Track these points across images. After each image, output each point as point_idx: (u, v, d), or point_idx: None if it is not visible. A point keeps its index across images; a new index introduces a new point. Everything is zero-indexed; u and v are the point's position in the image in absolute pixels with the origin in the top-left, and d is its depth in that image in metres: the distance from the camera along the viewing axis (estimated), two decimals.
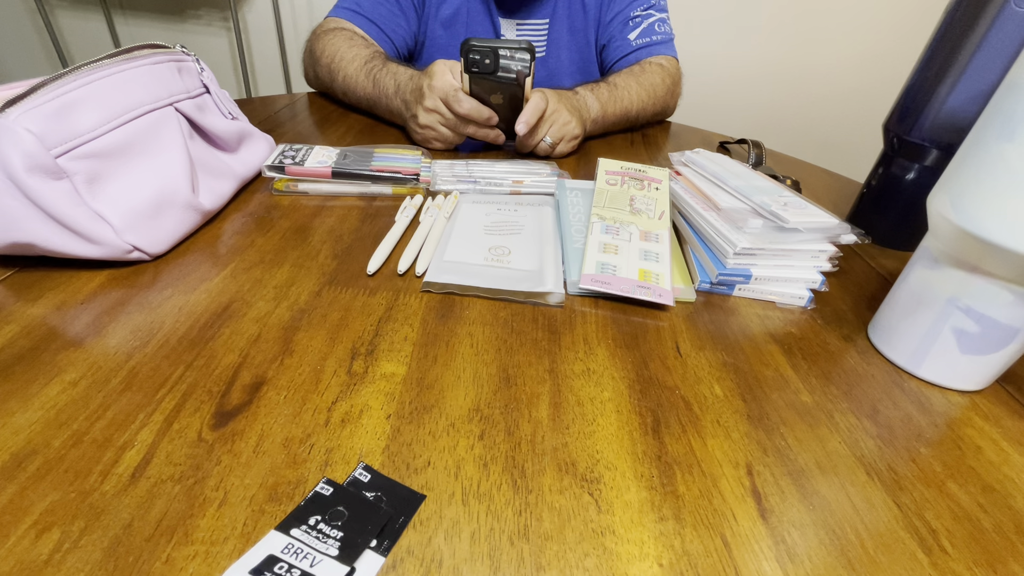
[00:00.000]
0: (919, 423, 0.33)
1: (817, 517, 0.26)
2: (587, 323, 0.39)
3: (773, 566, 0.24)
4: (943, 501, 0.28)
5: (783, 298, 0.43)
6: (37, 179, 0.34)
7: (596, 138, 0.77)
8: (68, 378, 0.30)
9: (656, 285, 0.41)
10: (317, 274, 0.41)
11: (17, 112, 0.33)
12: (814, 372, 0.36)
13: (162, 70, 0.44)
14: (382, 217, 0.50)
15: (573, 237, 0.47)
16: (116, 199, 0.38)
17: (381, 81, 0.69)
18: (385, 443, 0.28)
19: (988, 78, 0.43)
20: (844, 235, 0.42)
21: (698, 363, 0.36)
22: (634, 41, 0.83)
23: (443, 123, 0.63)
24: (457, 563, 0.23)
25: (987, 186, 0.30)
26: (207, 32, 1.73)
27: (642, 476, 0.28)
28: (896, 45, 1.50)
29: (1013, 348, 0.34)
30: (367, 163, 0.54)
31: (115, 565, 0.21)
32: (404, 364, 0.33)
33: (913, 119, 0.48)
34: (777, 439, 0.31)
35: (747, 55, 1.61)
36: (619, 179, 0.51)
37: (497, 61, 0.58)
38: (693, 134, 0.84)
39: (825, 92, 1.63)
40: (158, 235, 0.40)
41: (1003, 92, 0.31)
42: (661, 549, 0.24)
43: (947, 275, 0.34)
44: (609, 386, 0.33)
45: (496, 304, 0.40)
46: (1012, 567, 0.25)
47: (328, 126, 0.72)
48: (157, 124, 0.42)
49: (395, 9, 0.81)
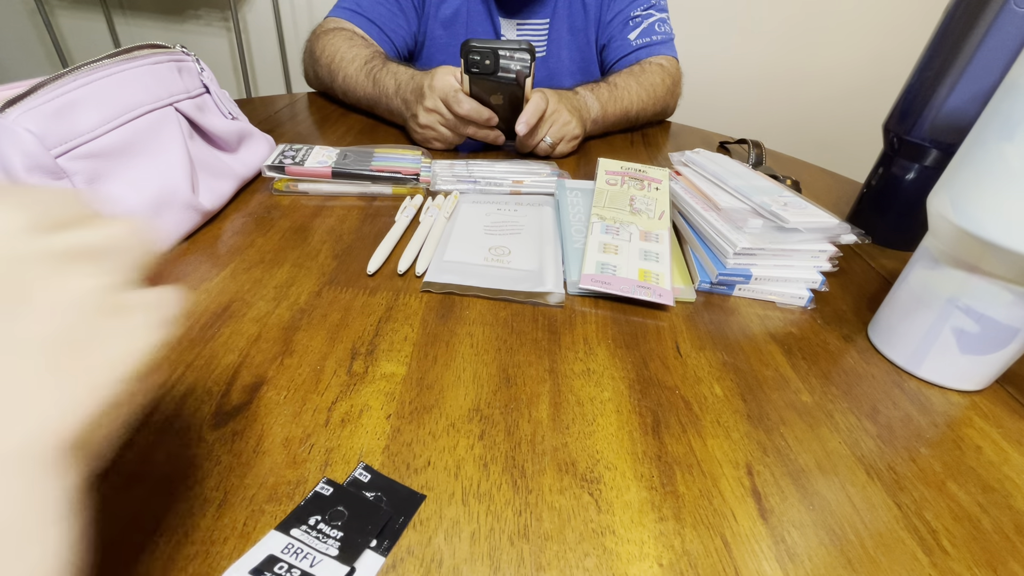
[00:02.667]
0: (919, 423, 0.33)
1: (817, 517, 0.26)
2: (587, 323, 0.39)
3: (773, 566, 0.24)
4: (943, 501, 0.28)
5: (783, 298, 0.43)
6: (37, 179, 0.34)
7: (596, 138, 0.77)
8: None
9: (656, 285, 0.41)
10: (317, 274, 0.41)
11: (17, 112, 0.33)
12: (814, 372, 0.36)
13: (162, 70, 0.44)
14: (382, 217, 0.50)
15: (573, 237, 0.47)
16: (116, 199, 0.38)
17: (381, 81, 0.69)
18: (385, 443, 0.28)
19: (988, 78, 0.43)
20: (844, 235, 0.42)
21: (698, 363, 0.36)
22: (634, 41, 0.83)
23: (443, 123, 0.63)
24: (457, 563, 0.23)
25: (987, 186, 0.30)
26: (207, 32, 1.74)
27: (642, 476, 0.28)
28: (896, 45, 1.50)
29: (1013, 348, 0.34)
30: (367, 163, 0.54)
31: (115, 565, 0.22)
32: (404, 364, 0.33)
33: (913, 119, 0.49)
34: (777, 439, 0.31)
35: (747, 55, 1.61)
36: (619, 179, 0.51)
37: (497, 62, 0.58)
38: (693, 134, 0.84)
39: (825, 92, 1.63)
40: (158, 235, 0.40)
41: (1003, 92, 0.31)
42: (661, 549, 0.24)
43: (947, 275, 0.34)
44: (609, 386, 0.33)
45: (496, 304, 0.40)
46: (1012, 567, 0.25)
47: (328, 126, 0.72)
48: (157, 124, 0.42)
49: (395, 9, 0.81)
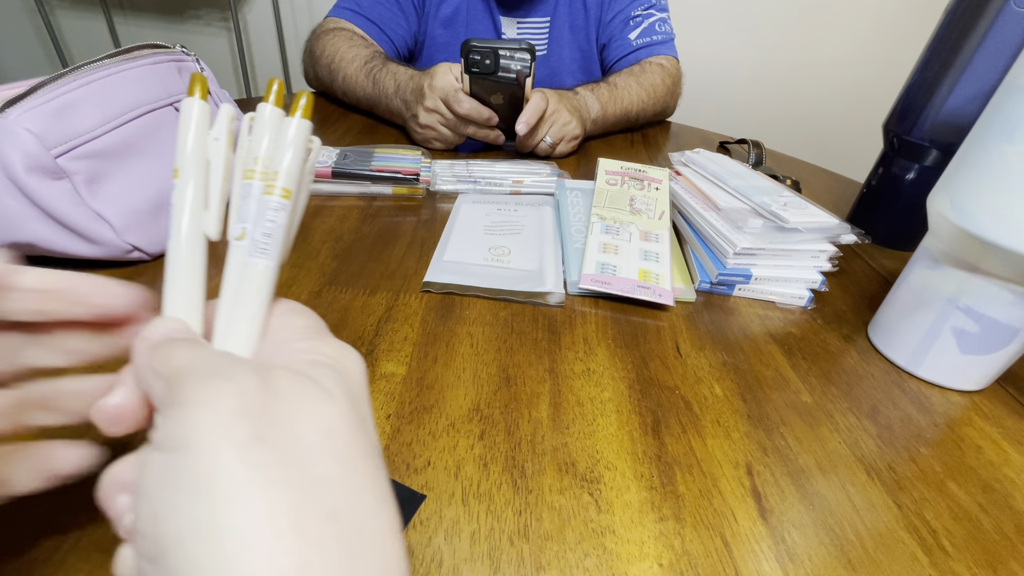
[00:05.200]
0: (919, 423, 0.33)
1: (817, 517, 0.26)
2: (587, 323, 0.39)
3: (773, 566, 0.24)
4: (943, 501, 0.28)
5: (783, 298, 0.43)
6: (37, 179, 0.34)
7: (596, 138, 0.77)
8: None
9: (656, 285, 0.41)
10: (317, 274, 0.41)
11: (17, 112, 0.33)
12: (814, 372, 0.36)
13: (162, 70, 0.44)
14: (382, 217, 0.50)
15: (573, 237, 0.47)
16: (116, 199, 0.38)
17: (381, 81, 0.69)
18: (385, 443, 0.28)
19: (988, 78, 0.43)
20: (844, 235, 0.42)
21: (698, 363, 0.36)
22: (634, 41, 0.83)
23: (443, 123, 0.63)
24: (457, 563, 0.23)
25: (987, 186, 0.30)
26: (207, 32, 1.73)
27: (642, 476, 0.28)
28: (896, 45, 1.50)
29: (1013, 348, 0.34)
30: (367, 163, 0.54)
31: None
32: (404, 364, 0.33)
33: (913, 119, 0.48)
34: (777, 439, 0.31)
35: (747, 55, 1.61)
36: (619, 179, 0.51)
37: (497, 61, 0.58)
38: (693, 134, 0.84)
39: (825, 92, 1.63)
40: (158, 235, 0.40)
41: (1003, 93, 0.31)
42: (661, 549, 0.24)
43: (947, 275, 0.34)
44: (609, 386, 0.33)
45: (496, 304, 0.40)
46: (1012, 567, 0.25)
47: (328, 126, 0.72)
48: (157, 124, 0.42)
49: (395, 9, 0.81)
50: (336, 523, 0.13)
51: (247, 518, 0.12)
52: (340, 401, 0.15)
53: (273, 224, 0.18)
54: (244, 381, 0.14)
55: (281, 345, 0.17)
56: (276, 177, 0.18)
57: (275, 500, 0.12)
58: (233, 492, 0.12)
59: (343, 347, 0.18)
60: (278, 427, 0.14)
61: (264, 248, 0.18)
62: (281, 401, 0.14)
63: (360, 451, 0.15)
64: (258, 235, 0.18)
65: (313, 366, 0.16)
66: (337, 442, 0.14)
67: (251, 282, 0.18)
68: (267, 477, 0.13)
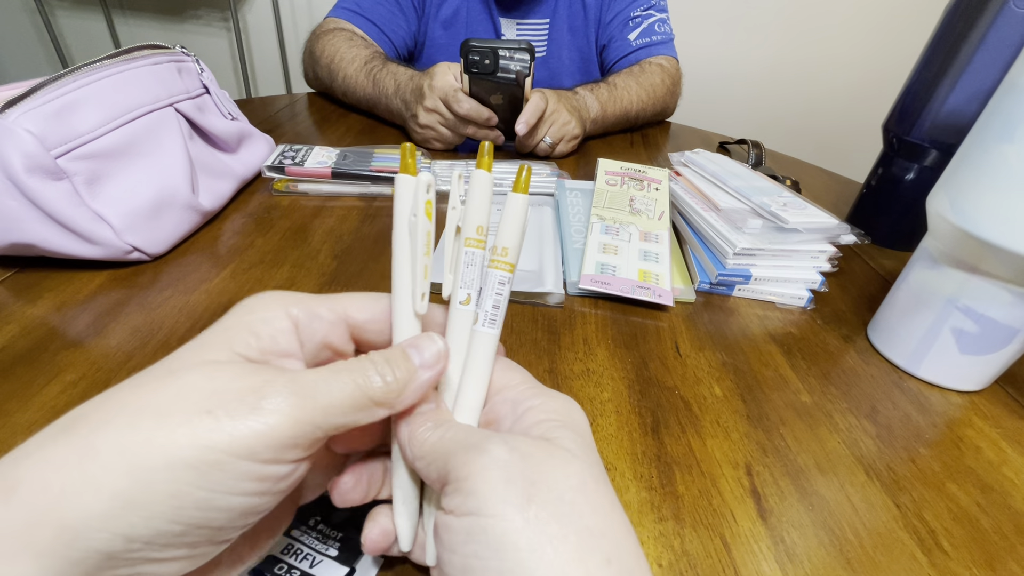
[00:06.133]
0: (918, 423, 0.33)
1: (816, 517, 0.27)
2: (587, 323, 0.39)
3: (772, 566, 0.24)
4: (942, 501, 0.28)
5: (783, 298, 0.43)
6: (37, 180, 0.34)
7: (596, 138, 0.77)
8: (68, 378, 0.30)
9: (656, 285, 0.41)
10: (317, 274, 0.41)
11: (17, 113, 0.33)
12: (813, 372, 0.36)
13: (162, 71, 0.44)
14: (382, 217, 0.50)
15: (573, 237, 0.47)
16: (116, 200, 0.38)
17: (381, 81, 0.69)
18: None
19: (988, 78, 0.43)
20: (844, 235, 0.42)
21: (698, 363, 0.36)
22: (634, 41, 0.83)
23: (443, 123, 0.63)
24: None
25: (987, 186, 0.30)
26: (207, 32, 1.74)
27: (641, 476, 0.28)
28: (896, 45, 1.50)
29: (1013, 348, 0.34)
30: (367, 163, 0.54)
31: None
32: None
33: (913, 119, 0.49)
34: (776, 439, 0.31)
35: (747, 55, 1.61)
36: (619, 179, 0.51)
37: (497, 62, 0.58)
38: (693, 134, 0.84)
39: (825, 92, 1.63)
40: (158, 235, 0.40)
41: (1003, 92, 0.31)
42: (661, 549, 0.24)
43: (946, 275, 0.34)
44: (609, 386, 0.33)
45: None
46: (1011, 567, 0.25)
47: (328, 126, 0.72)
48: (157, 125, 0.42)
49: (395, 9, 0.81)
50: (611, 567, 0.15)
51: (546, 567, 0.14)
52: (582, 458, 0.17)
53: (501, 297, 0.20)
54: (495, 453, 0.16)
55: (509, 403, 0.20)
56: (505, 254, 0.20)
57: (562, 550, 0.15)
58: (526, 546, 0.15)
59: (566, 401, 0.20)
60: (541, 488, 0.16)
61: (493, 319, 0.20)
62: (535, 465, 0.16)
63: (610, 501, 0.17)
64: (488, 307, 0.20)
65: (551, 428, 0.18)
66: (590, 496, 0.16)
67: (481, 349, 0.20)
68: (548, 531, 0.15)
